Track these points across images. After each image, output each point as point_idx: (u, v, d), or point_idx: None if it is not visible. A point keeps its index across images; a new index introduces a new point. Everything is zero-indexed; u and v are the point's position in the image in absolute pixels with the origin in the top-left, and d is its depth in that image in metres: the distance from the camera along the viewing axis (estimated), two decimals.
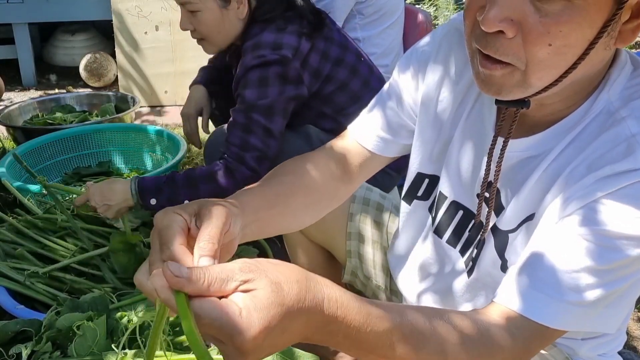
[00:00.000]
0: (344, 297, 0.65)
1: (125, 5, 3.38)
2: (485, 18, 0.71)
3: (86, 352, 1.13)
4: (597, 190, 0.75)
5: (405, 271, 1.12)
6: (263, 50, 1.55)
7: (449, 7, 4.68)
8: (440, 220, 1.02)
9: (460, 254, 0.99)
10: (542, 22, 0.70)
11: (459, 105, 0.97)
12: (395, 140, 1.06)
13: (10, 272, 1.43)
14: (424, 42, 1.03)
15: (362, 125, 1.07)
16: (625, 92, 0.80)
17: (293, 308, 0.59)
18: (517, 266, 0.79)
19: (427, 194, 1.06)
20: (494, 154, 0.88)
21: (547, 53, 0.72)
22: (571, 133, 0.81)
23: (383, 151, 1.06)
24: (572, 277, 0.75)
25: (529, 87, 0.76)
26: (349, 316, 0.65)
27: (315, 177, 1.00)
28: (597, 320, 0.79)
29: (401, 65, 1.05)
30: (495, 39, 0.73)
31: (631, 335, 1.72)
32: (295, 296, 0.60)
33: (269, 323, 0.57)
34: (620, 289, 0.77)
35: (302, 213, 0.99)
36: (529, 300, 0.75)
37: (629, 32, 0.73)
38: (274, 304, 0.58)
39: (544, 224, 0.80)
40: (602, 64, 0.78)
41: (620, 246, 0.73)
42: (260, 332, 0.57)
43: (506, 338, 0.74)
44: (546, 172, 0.83)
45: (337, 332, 0.65)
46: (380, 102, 1.07)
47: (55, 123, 2.80)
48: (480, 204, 0.92)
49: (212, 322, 0.56)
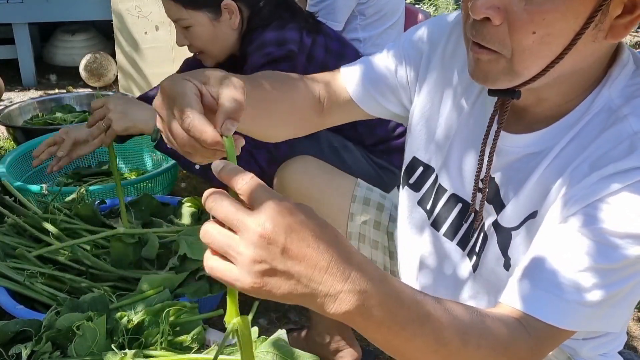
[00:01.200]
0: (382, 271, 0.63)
1: (125, 5, 3.38)
2: (473, 5, 0.74)
3: (86, 352, 1.13)
4: (601, 189, 0.75)
5: (403, 264, 1.12)
6: (269, 48, 1.55)
7: (448, 7, 4.68)
8: (439, 212, 1.02)
9: (460, 247, 0.99)
10: (526, 9, 0.71)
11: (463, 98, 0.97)
12: (378, 100, 1.07)
13: (10, 272, 1.43)
14: (435, 28, 1.03)
15: (354, 71, 1.08)
16: (626, 90, 0.80)
17: (315, 220, 0.57)
18: (522, 267, 0.79)
19: (418, 185, 1.06)
20: (487, 143, 0.89)
21: (532, 41, 0.73)
22: (572, 130, 0.81)
23: (362, 102, 1.07)
24: (578, 277, 0.74)
25: (516, 76, 0.77)
26: (396, 282, 0.63)
27: (299, 98, 1.02)
28: (604, 320, 0.79)
29: (410, 40, 1.06)
30: (483, 26, 0.75)
31: (631, 335, 1.72)
32: (324, 222, 0.58)
33: (286, 205, 0.56)
34: (626, 287, 0.77)
35: (278, 126, 1.02)
36: (535, 301, 0.75)
37: (621, 27, 0.74)
38: (289, 205, 0.57)
39: (547, 224, 0.80)
40: (593, 58, 0.78)
41: (625, 245, 0.73)
42: (276, 206, 0.55)
43: (522, 333, 0.74)
44: (548, 169, 0.83)
45: (390, 294, 0.61)
46: (380, 59, 1.08)
47: (55, 123, 2.80)
48: (474, 193, 0.92)
49: (227, 208, 0.56)
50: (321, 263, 0.56)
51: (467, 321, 0.69)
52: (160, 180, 2.17)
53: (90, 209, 1.65)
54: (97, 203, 1.78)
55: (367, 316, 0.60)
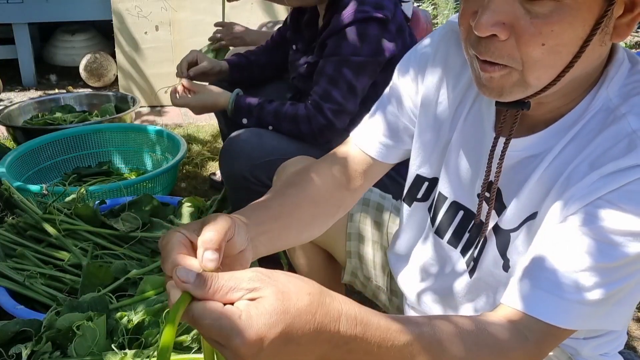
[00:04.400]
0: (362, 313, 0.63)
1: (125, 5, 3.38)
2: (478, 23, 0.73)
3: (86, 352, 1.13)
4: (601, 187, 0.75)
5: (406, 271, 1.12)
6: (366, 6, 1.60)
7: (448, 7, 4.68)
8: (441, 220, 1.02)
9: (462, 254, 0.99)
10: (533, 23, 0.71)
11: (458, 107, 0.97)
12: (397, 146, 1.06)
13: (10, 272, 1.43)
14: (423, 45, 1.03)
15: (365, 132, 1.07)
16: (624, 88, 0.80)
17: (300, 319, 0.58)
18: (523, 267, 0.79)
19: (426, 195, 1.06)
20: (495, 154, 0.88)
21: (542, 52, 0.73)
22: (571, 131, 0.81)
23: (385, 157, 1.06)
24: (579, 276, 0.74)
25: (528, 87, 0.77)
26: (369, 332, 0.63)
27: (320, 187, 0.99)
28: (605, 318, 0.79)
29: (401, 68, 1.05)
30: (490, 42, 0.75)
31: (631, 335, 1.72)
32: (304, 307, 0.58)
33: (268, 329, 0.56)
34: (626, 285, 0.77)
35: (309, 224, 0.97)
36: (536, 301, 0.75)
37: (624, 26, 0.74)
38: (277, 310, 0.56)
39: (547, 224, 0.80)
40: (599, 60, 0.79)
41: (626, 242, 0.73)
42: (258, 337, 0.55)
43: (518, 340, 0.74)
44: (547, 170, 0.83)
45: (358, 349, 0.63)
46: (381, 107, 1.07)
47: (55, 123, 2.80)
48: (480, 204, 0.92)
49: (212, 322, 0.56)
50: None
51: (462, 348, 0.70)
52: (160, 180, 2.17)
53: (90, 209, 1.65)
54: (97, 203, 1.78)
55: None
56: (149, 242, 1.67)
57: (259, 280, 0.58)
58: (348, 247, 1.30)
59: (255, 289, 0.57)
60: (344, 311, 0.61)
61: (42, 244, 1.59)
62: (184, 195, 2.20)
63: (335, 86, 1.62)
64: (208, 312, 0.56)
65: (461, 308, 1.00)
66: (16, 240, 1.56)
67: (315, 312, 0.59)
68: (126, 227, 1.62)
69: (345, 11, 1.60)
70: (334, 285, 1.45)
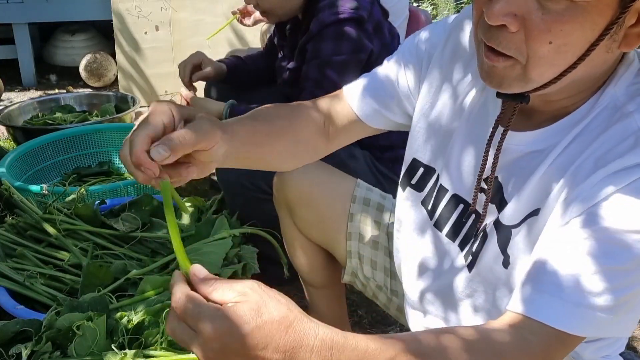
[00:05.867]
0: (339, 337, 0.66)
1: (125, 5, 3.38)
2: (490, 11, 0.73)
3: (86, 352, 1.13)
4: (608, 186, 0.74)
5: (405, 265, 1.12)
6: (340, 8, 1.61)
7: (447, 7, 4.68)
8: (441, 213, 1.01)
9: (460, 247, 0.98)
10: (544, 19, 0.71)
11: (464, 97, 0.97)
12: (383, 113, 1.08)
13: (10, 272, 1.43)
14: (435, 30, 1.04)
15: (357, 89, 1.08)
16: (631, 87, 0.80)
17: (263, 331, 0.62)
18: (529, 270, 0.78)
19: (420, 185, 1.06)
20: (493, 144, 0.88)
21: (548, 50, 0.73)
22: (576, 128, 0.81)
23: (369, 119, 1.08)
24: (586, 280, 0.73)
25: (529, 82, 0.78)
26: (345, 354, 0.66)
27: (304, 128, 1.04)
28: (617, 326, 0.77)
29: (410, 45, 1.06)
30: (499, 32, 0.75)
31: (631, 335, 1.72)
32: (273, 324, 0.63)
33: (229, 327, 0.62)
34: (636, 291, 0.75)
35: (285, 158, 1.05)
36: (541, 305, 0.74)
37: (634, 36, 0.74)
38: (245, 316, 0.62)
39: (552, 223, 0.79)
40: (605, 66, 0.78)
41: (635, 244, 0.72)
42: (216, 330, 0.62)
43: (520, 344, 0.72)
44: (551, 167, 0.82)
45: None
46: (381, 71, 1.09)
47: (55, 123, 2.80)
48: (476, 194, 0.92)
49: (193, 307, 0.64)
50: None
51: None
52: None
53: (90, 209, 1.64)
54: (97, 203, 1.78)
55: None
56: (149, 242, 1.66)
57: (252, 289, 0.65)
58: (348, 247, 1.30)
59: (244, 294, 0.64)
60: (320, 335, 0.65)
61: (42, 244, 1.59)
62: (184, 195, 2.20)
63: (321, 88, 1.61)
64: (186, 297, 0.66)
65: (460, 305, 0.99)
66: (16, 240, 1.56)
67: (286, 333, 0.63)
68: (126, 227, 1.62)
69: (321, 14, 1.63)
70: (334, 285, 1.45)
